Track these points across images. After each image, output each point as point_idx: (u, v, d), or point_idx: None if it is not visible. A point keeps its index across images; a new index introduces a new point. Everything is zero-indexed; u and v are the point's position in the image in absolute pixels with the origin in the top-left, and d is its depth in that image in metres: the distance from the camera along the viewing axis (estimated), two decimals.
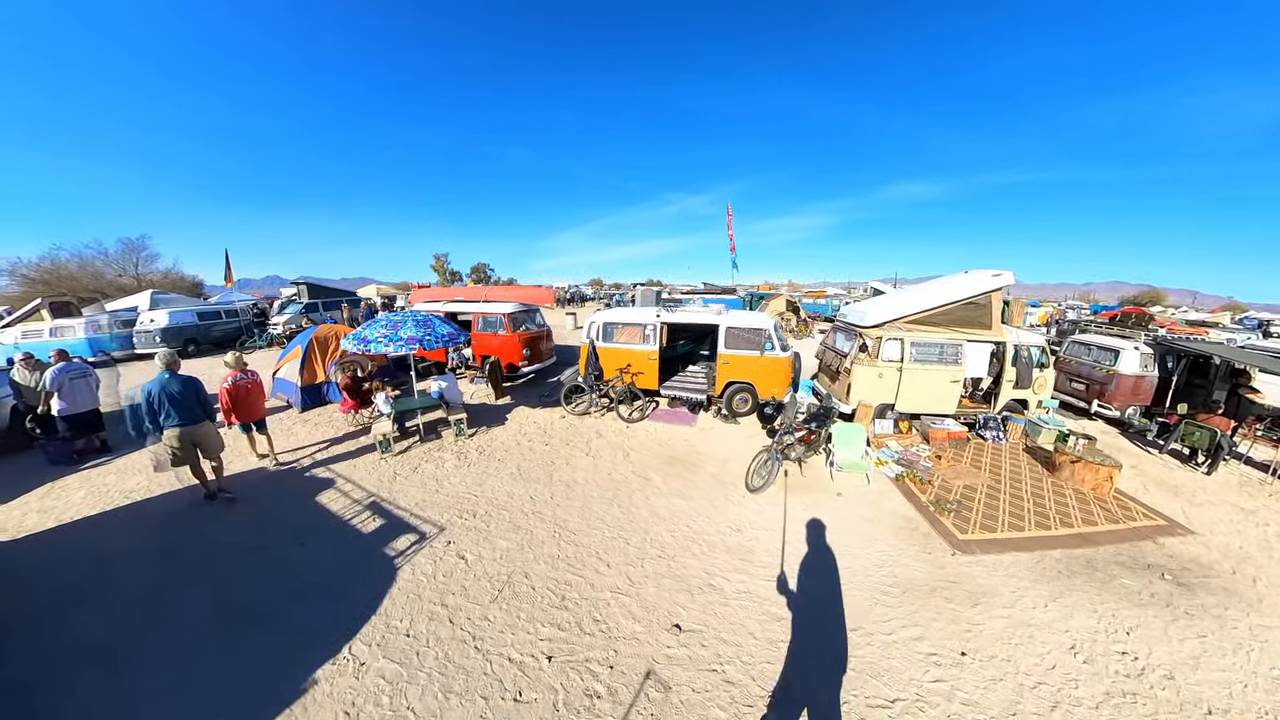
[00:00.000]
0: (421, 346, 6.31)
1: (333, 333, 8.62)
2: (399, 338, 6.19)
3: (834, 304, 29.12)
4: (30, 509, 5.18)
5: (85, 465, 6.25)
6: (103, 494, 5.47)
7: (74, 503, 5.29)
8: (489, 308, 9.95)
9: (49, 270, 26.13)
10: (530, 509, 5.14)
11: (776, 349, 7.62)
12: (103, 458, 6.49)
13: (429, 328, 6.49)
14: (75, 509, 5.15)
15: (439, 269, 53.25)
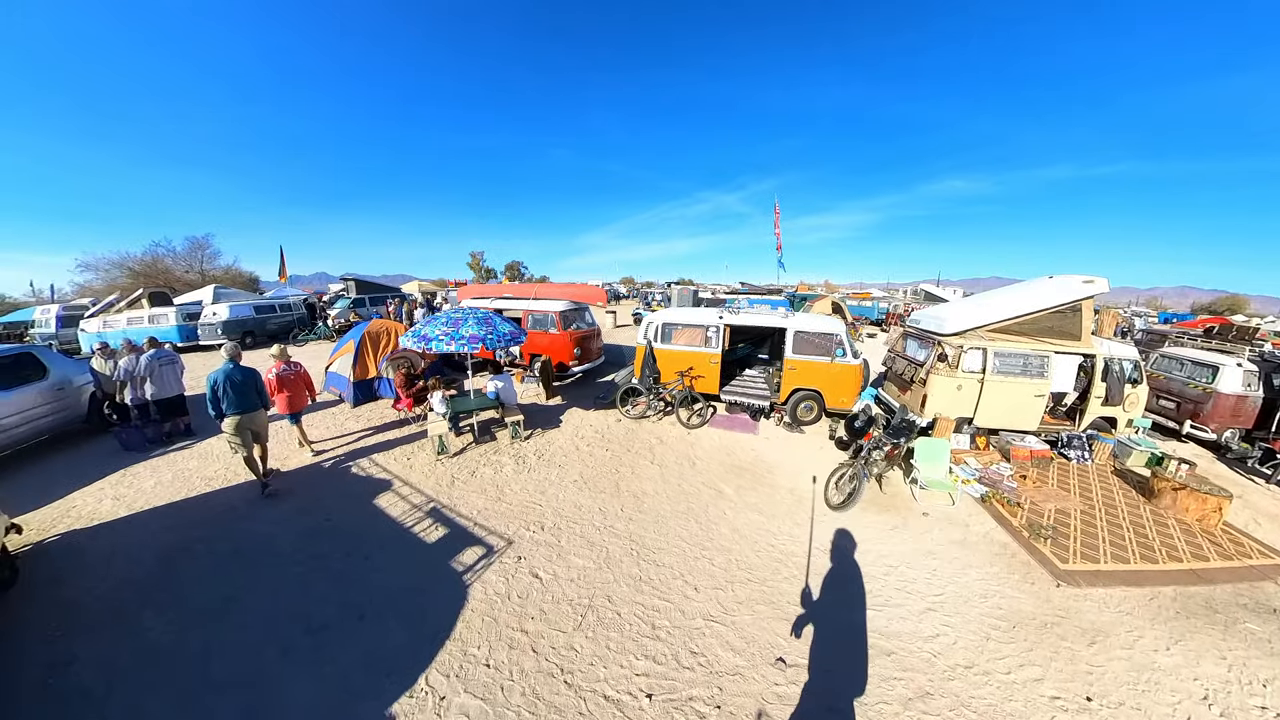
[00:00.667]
0: (484, 346, 6.03)
1: (385, 328, 8.54)
2: (460, 336, 5.94)
3: (879, 306, 27.72)
4: (105, 495, 5.22)
5: (170, 448, 6.37)
6: (180, 481, 5.46)
7: (144, 491, 5.29)
8: (539, 305, 9.70)
9: (149, 264, 28.10)
10: (602, 523, 4.79)
11: (848, 355, 7.18)
12: (186, 440, 6.64)
13: (490, 326, 6.23)
14: (145, 498, 5.14)
15: (475, 266, 54.35)
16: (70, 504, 5.07)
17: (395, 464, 5.90)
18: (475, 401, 6.70)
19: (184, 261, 30.01)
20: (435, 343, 5.94)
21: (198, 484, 5.43)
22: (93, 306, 18.51)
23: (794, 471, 6.02)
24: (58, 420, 6.53)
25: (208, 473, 5.67)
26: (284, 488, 5.32)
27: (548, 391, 8.81)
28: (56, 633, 3.30)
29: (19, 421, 6.01)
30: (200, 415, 7.14)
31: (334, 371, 8.56)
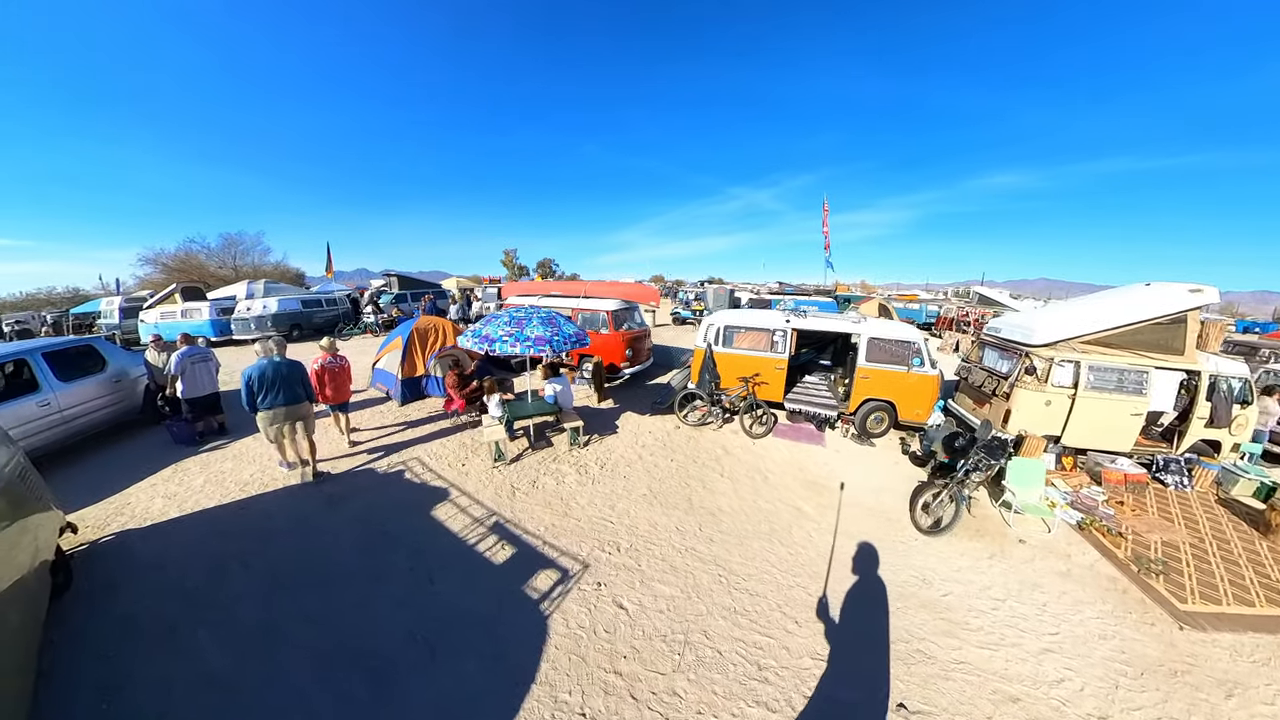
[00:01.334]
0: (551, 349, 5.61)
1: (433, 325, 8.27)
2: (525, 337, 5.52)
3: (926, 309, 26.25)
4: (157, 493, 5.06)
5: (204, 448, 6.19)
6: (220, 482, 5.26)
7: (194, 490, 5.10)
8: (590, 304, 9.28)
9: (183, 259, 29.46)
10: (681, 543, 4.31)
11: (926, 365, 6.67)
12: (221, 439, 6.44)
13: (555, 327, 5.81)
14: (196, 497, 4.94)
15: (508, 263, 54.89)
16: (125, 500, 4.92)
17: (450, 470, 5.53)
18: (533, 406, 6.27)
19: (218, 257, 31.26)
20: (499, 344, 5.54)
21: (233, 488, 5.19)
22: (150, 298, 19.38)
23: (873, 489, 5.57)
24: (116, 412, 6.50)
25: (243, 476, 5.39)
26: (335, 492, 5.02)
27: (599, 394, 8.37)
28: (110, 650, 3.04)
29: (81, 412, 5.97)
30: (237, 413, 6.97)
31: (381, 368, 8.35)
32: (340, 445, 6.18)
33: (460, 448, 6.15)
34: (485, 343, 5.63)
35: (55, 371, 5.79)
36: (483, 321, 6.13)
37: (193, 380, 6.14)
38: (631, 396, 8.77)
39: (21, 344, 5.79)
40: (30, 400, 5.48)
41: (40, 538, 3.36)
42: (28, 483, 3.49)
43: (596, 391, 8.32)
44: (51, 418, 5.65)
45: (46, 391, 5.64)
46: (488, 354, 10.02)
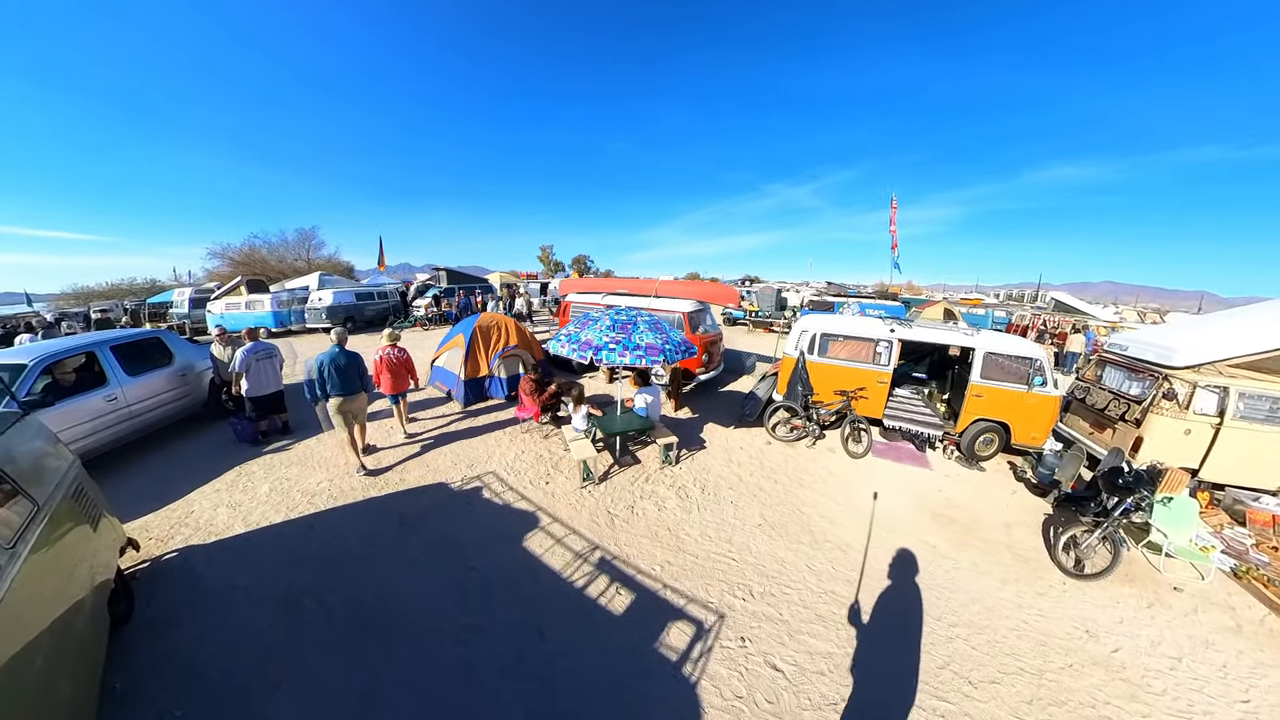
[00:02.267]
0: (665, 359, 4.87)
1: (496, 323, 7.70)
2: (635, 345, 4.80)
3: (993, 315, 24.06)
4: (221, 500, 4.65)
5: (268, 448, 5.81)
6: (285, 492, 4.80)
7: (259, 500, 4.66)
8: (664, 305, 8.50)
9: (247, 254, 30.77)
10: (818, 585, 3.67)
11: (1049, 384, 5.92)
12: (284, 440, 6.07)
13: (664, 333, 5.05)
14: (261, 509, 4.49)
15: (544, 259, 55.01)
16: (188, 508, 4.54)
17: (533, 489, 4.88)
18: (624, 421, 5.51)
19: (294, 250, 32.50)
20: (605, 352, 4.84)
21: (299, 500, 4.72)
22: (217, 290, 20.14)
23: (1000, 522, 4.87)
24: (181, 407, 6.24)
25: (309, 485, 4.93)
26: (408, 511, 4.46)
27: (676, 402, 7.59)
28: (176, 712, 2.51)
29: (147, 407, 5.70)
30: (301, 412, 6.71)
31: (441, 366, 7.88)
32: (405, 448, 5.71)
33: (538, 461, 5.50)
34: (587, 350, 4.93)
35: (123, 365, 5.52)
36: (577, 323, 5.44)
37: (257, 378, 5.76)
38: (708, 405, 7.94)
39: (90, 336, 5.56)
40: (98, 395, 5.22)
41: (98, 562, 2.91)
42: (83, 501, 3.04)
43: (674, 400, 7.54)
44: (118, 413, 5.38)
45: (114, 386, 5.37)
46: (547, 354, 9.49)
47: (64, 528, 2.67)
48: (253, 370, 5.71)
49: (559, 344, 5.28)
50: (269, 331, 16.21)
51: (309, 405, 5.33)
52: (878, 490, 5.22)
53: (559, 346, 5.27)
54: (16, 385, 4.66)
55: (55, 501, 2.72)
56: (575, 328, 5.34)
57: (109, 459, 5.32)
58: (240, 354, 5.68)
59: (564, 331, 5.44)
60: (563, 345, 5.21)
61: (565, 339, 5.24)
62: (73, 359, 5.26)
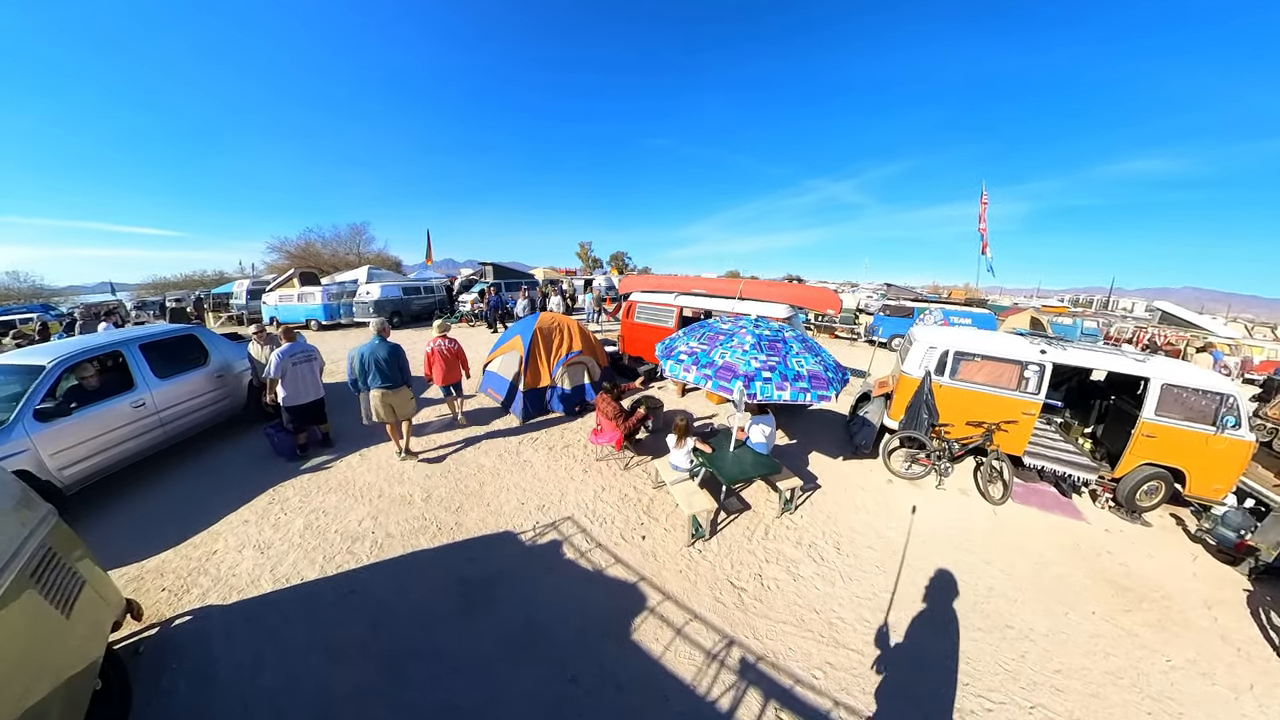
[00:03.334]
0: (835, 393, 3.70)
1: (557, 325, 6.71)
2: (795, 374, 3.60)
3: (1082, 324, 21.05)
4: (249, 539, 3.84)
5: (305, 466, 5.02)
6: (322, 532, 3.93)
7: (292, 541, 3.81)
8: (748, 310, 7.26)
9: (303, 248, 31.74)
10: (1024, 698, 2.68)
11: (1243, 427, 4.69)
12: (325, 454, 5.28)
13: (820, 357, 3.86)
14: (292, 556, 3.64)
15: (583, 255, 54.53)
16: (212, 544, 3.76)
17: (626, 545, 3.80)
18: (744, 463, 4.17)
19: (346, 244, 33.28)
20: (760, 385, 3.64)
21: (337, 544, 3.83)
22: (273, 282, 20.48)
23: (1195, 599, 3.77)
24: (217, 411, 5.57)
25: (349, 523, 4.03)
26: (474, 576, 3.45)
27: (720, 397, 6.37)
28: None
29: (179, 413, 5.04)
30: (341, 419, 6.01)
31: (494, 372, 6.97)
32: (458, 478, 4.78)
33: (625, 503, 4.41)
34: (729, 378, 3.75)
35: (152, 366, 4.86)
36: (695, 335, 4.30)
37: (294, 384, 4.97)
38: (802, 428, 6.63)
39: (117, 334, 4.92)
40: (124, 400, 4.56)
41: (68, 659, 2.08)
42: (52, 577, 2.19)
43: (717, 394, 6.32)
44: (147, 420, 4.73)
45: (141, 390, 4.72)
46: (612, 360, 8.41)
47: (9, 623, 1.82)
48: (289, 375, 4.92)
49: (679, 366, 4.12)
50: (319, 323, 16.16)
51: (349, 413, 5.10)
52: (1041, 550, 3.93)
53: (681, 370, 4.11)
54: (32, 390, 4.03)
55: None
56: (697, 343, 4.19)
57: (132, 471, 4.67)
58: (275, 357, 4.89)
59: (682, 348, 4.29)
60: (688, 369, 4.03)
61: (689, 360, 4.07)
62: (97, 360, 4.63)
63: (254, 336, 5.84)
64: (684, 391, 7.88)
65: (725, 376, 3.82)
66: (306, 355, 5.07)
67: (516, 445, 5.55)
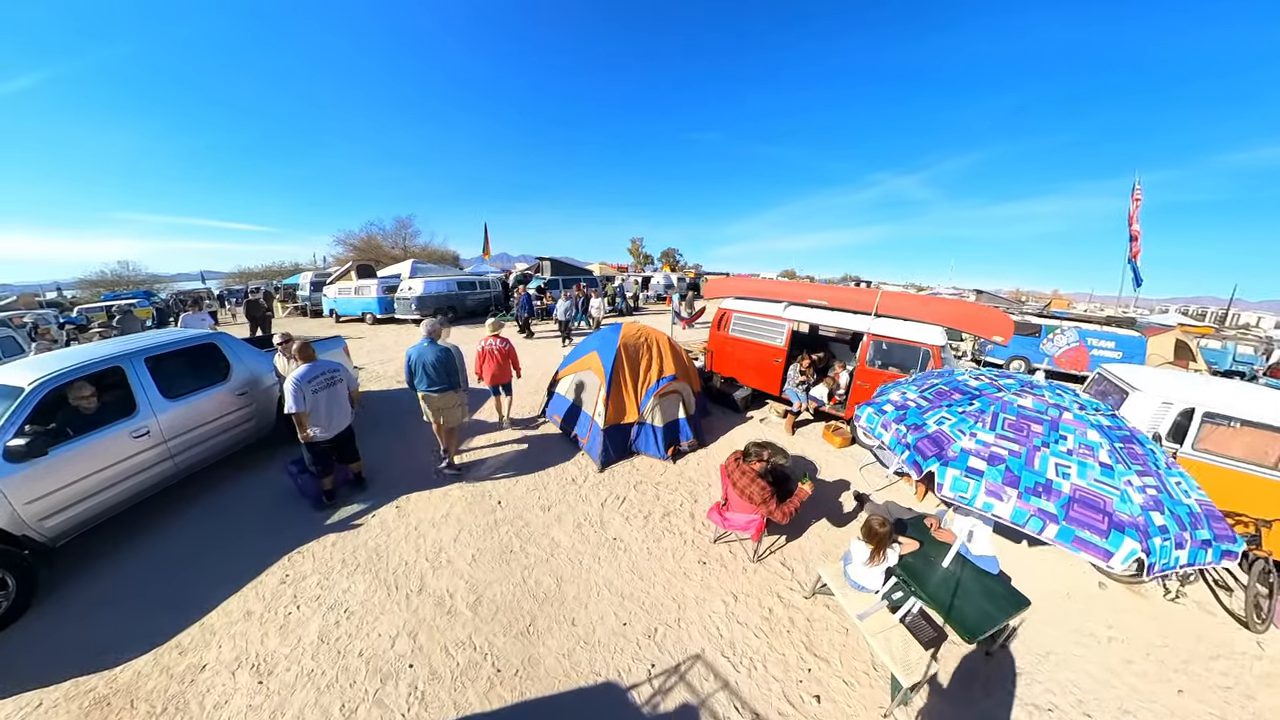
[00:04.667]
0: None
1: (644, 339, 5.26)
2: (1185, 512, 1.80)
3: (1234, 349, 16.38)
4: (247, 651, 2.69)
5: (331, 521, 3.89)
6: (341, 652, 2.71)
7: (301, 662, 2.64)
8: (895, 331, 5.49)
9: (365, 240, 32.63)
10: None
11: None
12: (355, 502, 4.13)
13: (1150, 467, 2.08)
14: (300, 695, 2.43)
15: (634, 252, 53.34)
16: (200, 654, 2.65)
17: (794, 714, 2.32)
18: (969, 594, 2.57)
19: (391, 239, 33.92)
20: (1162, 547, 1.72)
21: (357, 669, 2.58)
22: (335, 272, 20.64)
23: None
24: (240, 435, 4.60)
25: (381, 644, 2.78)
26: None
27: (925, 486, 4.63)
28: None
29: (192, 440, 4.04)
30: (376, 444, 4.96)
31: (563, 395, 5.64)
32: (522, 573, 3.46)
33: (771, 627, 2.88)
34: (933, 456, 2.15)
35: (160, 384, 3.90)
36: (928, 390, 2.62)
37: (317, 413, 3.79)
38: None
39: (119, 346, 3.95)
40: (121, 429, 3.59)
41: None
42: None
43: (927, 486, 4.58)
44: (150, 453, 3.75)
45: (145, 415, 3.74)
46: (706, 382, 6.87)
47: None
48: (311, 405, 3.73)
49: (878, 419, 2.51)
50: (374, 317, 15.77)
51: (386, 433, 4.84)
52: None
53: (879, 425, 2.48)
54: (2, 423, 3.11)
55: None
56: (916, 393, 2.56)
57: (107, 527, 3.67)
58: (291, 384, 3.64)
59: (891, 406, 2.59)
60: (886, 425, 2.42)
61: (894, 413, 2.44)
62: (91, 378, 3.66)
63: (279, 347, 4.75)
64: (794, 427, 6.22)
65: (928, 451, 2.18)
66: (330, 378, 3.86)
67: (599, 509, 4.13)
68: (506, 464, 4.89)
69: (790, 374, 6.44)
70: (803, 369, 6.45)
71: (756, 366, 6.65)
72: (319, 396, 3.73)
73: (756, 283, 7.46)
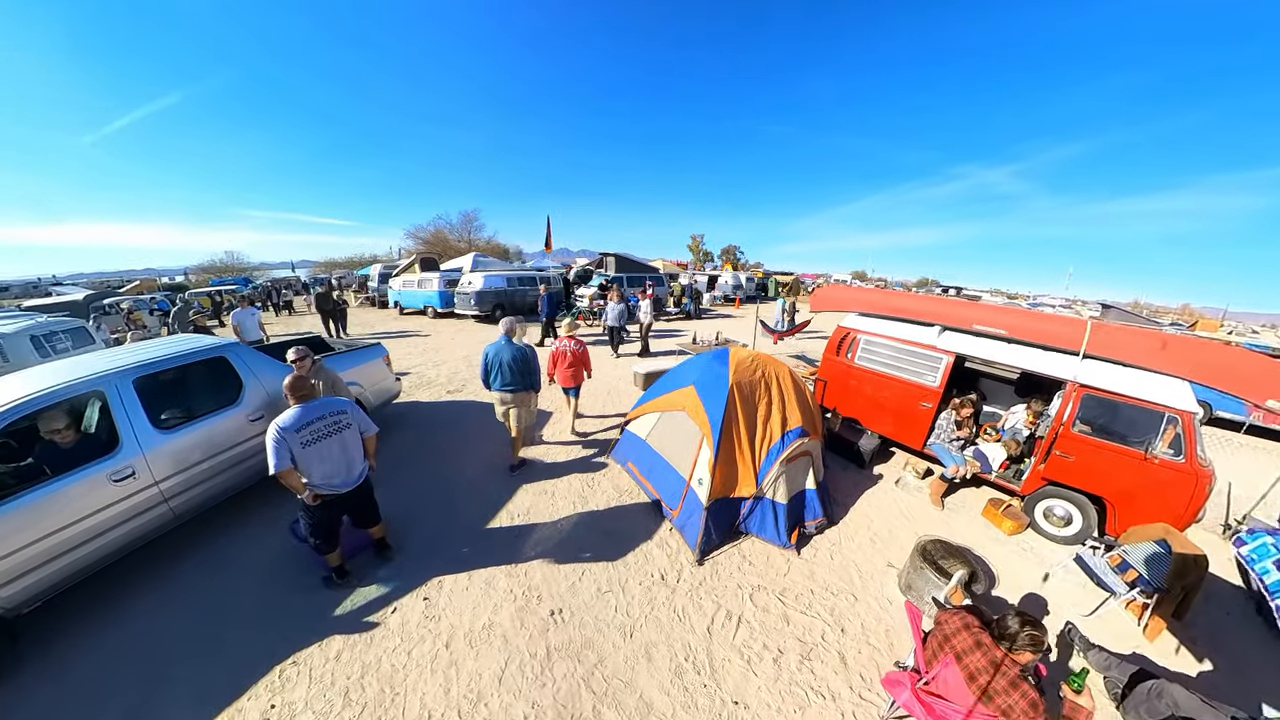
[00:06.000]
0: None
1: (760, 372, 3.83)
2: None
3: None
4: None
5: (341, 611, 2.86)
6: None
7: None
8: (1128, 382, 3.64)
9: (433, 234, 33.66)
10: None
11: None
12: (374, 581, 3.09)
13: None
14: None
15: (694, 249, 51.58)
16: None
17: None
18: None
19: (457, 232, 34.68)
20: None
21: None
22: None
23: None
24: (255, 468, 3.68)
25: None
26: None
27: (1181, 609, 2.87)
28: None
29: (191, 481, 3.18)
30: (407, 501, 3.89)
31: (640, 438, 4.33)
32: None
33: None
34: None
35: (151, 412, 3.08)
36: None
37: (308, 467, 2.67)
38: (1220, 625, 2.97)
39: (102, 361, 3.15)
40: (99, 471, 2.78)
41: None
42: None
43: (1176, 605, 2.83)
44: (135, 500, 2.91)
45: (128, 453, 2.90)
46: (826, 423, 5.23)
47: None
48: (303, 461, 2.64)
49: None
50: (435, 311, 15.50)
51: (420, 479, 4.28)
52: None
53: None
54: None
55: None
56: None
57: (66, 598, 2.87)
58: (273, 434, 2.57)
59: None
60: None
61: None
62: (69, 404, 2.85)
63: (294, 363, 3.63)
64: (944, 497, 4.56)
65: None
66: (333, 423, 2.76)
67: (705, 636, 2.76)
68: (566, 532, 3.66)
69: (942, 423, 4.76)
70: (960, 418, 4.75)
71: (895, 410, 5.01)
72: (315, 450, 2.65)
73: (890, 296, 5.68)
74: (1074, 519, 3.97)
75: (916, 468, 5.04)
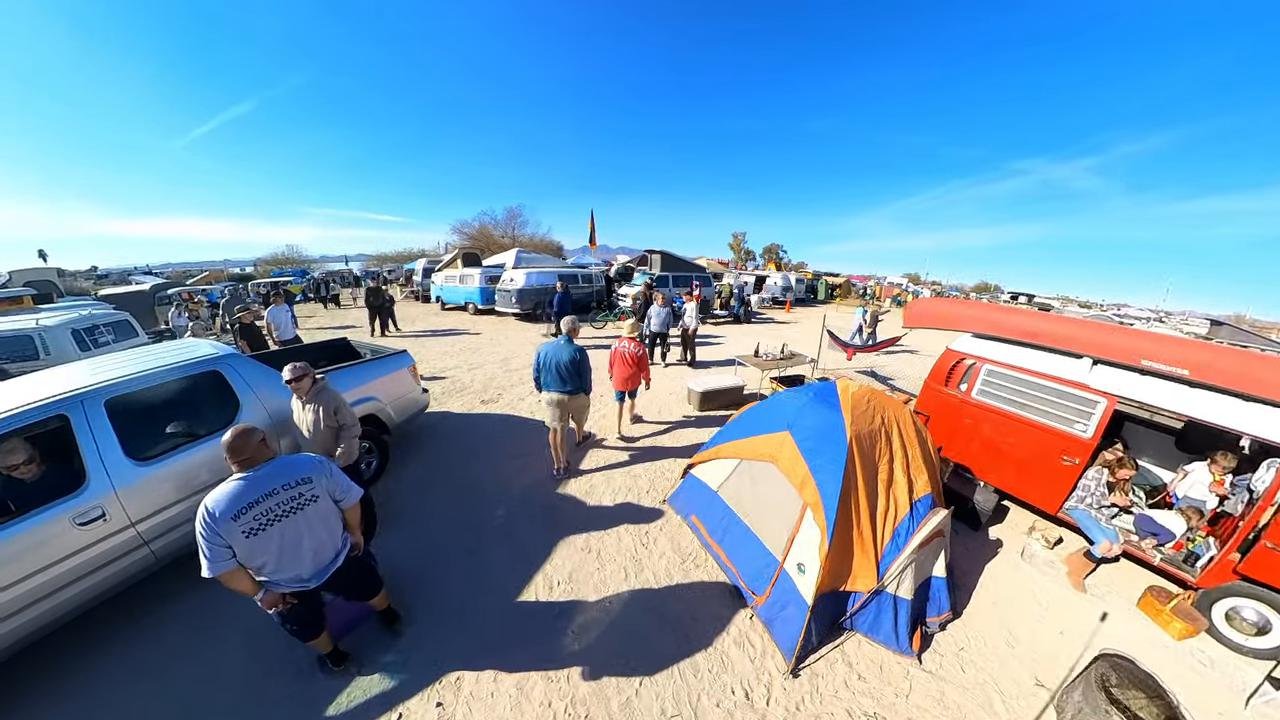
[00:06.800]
0: None
1: (882, 418, 2.90)
2: None
3: None
4: None
5: (335, 709, 2.22)
6: None
7: None
8: None
9: (478, 229, 34.07)
10: None
11: None
12: (375, 669, 2.43)
13: None
14: None
15: (735, 247, 49.96)
16: None
17: None
18: None
19: (502, 228, 34.92)
20: None
21: None
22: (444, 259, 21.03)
23: None
24: None
25: None
26: None
27: None
28: None
29: (174, 520, 2.65)
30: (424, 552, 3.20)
31: (708, 486, 3.53)
32: None
33: None
34: None
35: (125, 440, 2.55)
36: None
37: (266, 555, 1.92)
38: None
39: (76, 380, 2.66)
40: (60, 512, 2.29)
41: None
42: None
43: None
44: (106, 545, 2.41)
45: (97, 489, 2.38)
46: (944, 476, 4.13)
47: None
48: (246, 554, 1.88)
49: None
50: (476, 307, 15.23)
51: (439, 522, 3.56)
52: None
53: None
54: None
55: None
56: None
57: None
58: (201, 522, 1.80)
59: None
60: None
61: None
62: (29, 432, 2.33)
63: (291, 385, 2.93)
64: (1086, 577, 3.47)
65: None
66: (291, 499, 1.97)
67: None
68: (616, 615, 2.86)
69: (1089, 484, 3.65)
70: (1115, 479, 3.64)
71: (1023, 461, 3.92)
72: (265, 539, 1.89)
73: (1017, 315, 4.49)
74: (1274, 627, 2.83)
75: (1047, 536, 3.94)
